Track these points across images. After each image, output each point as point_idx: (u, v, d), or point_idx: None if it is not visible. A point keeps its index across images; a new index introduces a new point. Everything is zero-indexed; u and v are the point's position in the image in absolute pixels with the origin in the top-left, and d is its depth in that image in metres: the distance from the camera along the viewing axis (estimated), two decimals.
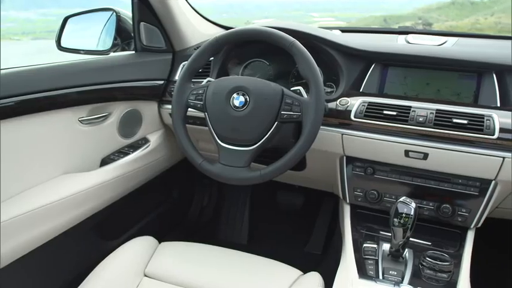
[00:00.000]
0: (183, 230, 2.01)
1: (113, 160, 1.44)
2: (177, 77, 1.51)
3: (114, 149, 1.48)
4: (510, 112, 1.14)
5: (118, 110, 1.45)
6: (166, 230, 1.93)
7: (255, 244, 1.98)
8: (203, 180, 2.08)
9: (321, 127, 1.13)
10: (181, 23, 1.55)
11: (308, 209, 2.01)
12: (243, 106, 1.11)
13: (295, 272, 1.14)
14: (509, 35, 1.66)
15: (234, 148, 1.13)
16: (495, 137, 1.09)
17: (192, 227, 2.07)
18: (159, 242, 1.27)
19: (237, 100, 1.12)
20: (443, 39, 1.38)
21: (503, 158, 1.09)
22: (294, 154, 1.09)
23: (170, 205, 1.93)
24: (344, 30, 1.57)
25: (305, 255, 1.88)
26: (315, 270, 1.16)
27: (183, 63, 1.52)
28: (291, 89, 1.15)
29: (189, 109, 1.20)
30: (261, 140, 1.11)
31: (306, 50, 1.11)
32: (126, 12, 1.54)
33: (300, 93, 1.15)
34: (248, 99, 1.11)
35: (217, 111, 1.14)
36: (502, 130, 1.09)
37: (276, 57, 1.45)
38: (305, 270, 1.16)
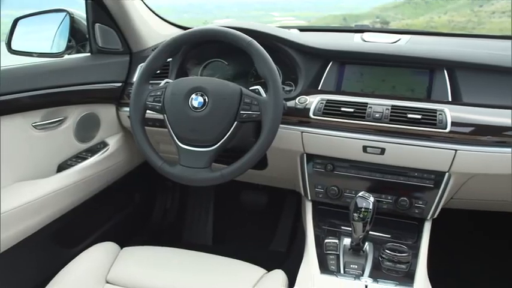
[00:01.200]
0: (147, 234, 1.98)
1: (70, 166, 1.40)
2: (135, 79, 1.48)
3: (71, 154, 1.44)
4: (461, 106, 1.19)
5: (74, 114, 1.41)
6: (129, 235, 1.89)
7: (220, 245, 1.97)
8: (166, 183, 2.06)
9: (281, 125, 1.14)
10: (137, 24, 1.52)
11: (272, 207, 2.02)
12: (202, 107, 1.11)
13: (259, 271, 1.15)
14: (462, 32, 1.73)
15: (194, 149, 1.13)
16: (447, 130, 1.13)
17: (155, 230, 2.04)
18: (122, 248, 1.24)
19: (196, 101, 1.11)
20: (397, 37, 1.42)
21: (456, 150, 1.13)
22: (254, 153, 1.09)
23: (132, 209, 1.90)
24: (302, 30, 1.59)
25: (270, 254, 1.89)
26: (279, 268, 1.16)
27: (141, 64, 1.50)
28: (250, 88, 1.15)
29: (148, 111, 1.19)
30: (221, 140, 1.11)
31: (263, 49, 1.12)
32: (80, 13, 1.50)
33: (258, 93, 1.15)
34: (207, 100, 1.11)
35: (176, 112, 1.13)
36: (453, 124, 1.13)
37: (235, 57, 1.45)
38: (270, 268, 1.17)
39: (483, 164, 1.16)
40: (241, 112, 1.10)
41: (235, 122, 1.10)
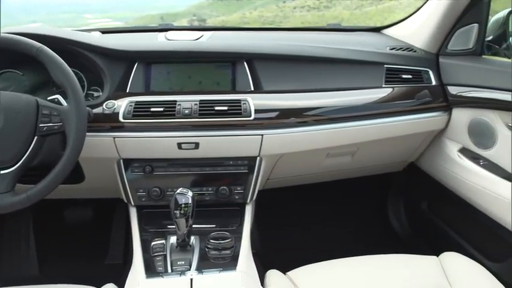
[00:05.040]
0: None
1: None
2: None
3: None
4: (262, 94, 1.30)
5: None
6: None
7: (51, 271, 1.79)
8: None
9: (91, 133, 1.11)
10: None
11: (101, 219, 1.92)
12: None
13: None
14: (262, 26, 1.88)
15: None
16: (252, 118, 1.22)
17: None
18: None
19: None
20: (200, 33, 1.46)
21: (262, 135, 1.23)
22: (61, 168, 1.02)
23: None
24: (104, 32, 1.54)
25: (107, 268, 1.80)
26: (117, 281, 1.11)
27: None
28: (48, 98, 1.07)
29: None
30: (21, 159, 1.01)
31: (55, 55, 1.06)
32: None
33: (58, 102, 1.09)
34: None
35: None
36: (257, 111, 1.23)
37: (31, 66, 1.32)
38: (106, 283, 1.11)
39: (288, 144, 1.29)
40: (41, 125, 1.02)
41: (36, 137, 1.02)
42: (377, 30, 1.79)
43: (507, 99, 1.22)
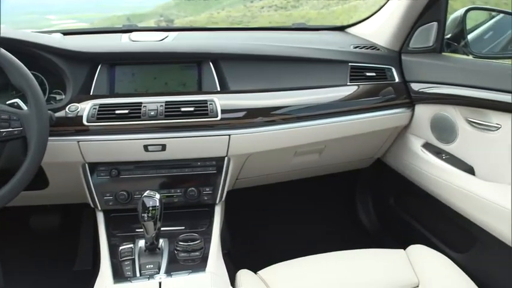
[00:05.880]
0: None
1: None
2: None
3: None
4: (229, 94, 1.30)
5: None
6: None
7: (17, 283, 1.73)
8: None
9: (54, 137, 1.09)
10: None
11: (69, 225, 1.87)
12: None
13: None
14: (238, 26, 1.87)
15: None
16: (219, 118, 1.22)
17: None
18: None
19: None
20: (165, 34, 1.45)
21: (229, 135, 1.23)
22: (23, 174, 1.00)
23: None
24: (66, 33, 1.50)
25: (76, 275, 1.76)
26: (87, 287, 1.09)
27: None
28: (7, 102, 1.04)
29: None
30: None
31: (13, 57, 1.03)
32: None
33: (18, 106, 1.06)
34: None
35: None
36: (223, 111, 1.23)
37: None
38: None
39: (256, 143, 1.30)
40: (0, 131, 0.98)
41: None
42: (341, 29, 1.81)
43: (466, 94, 1.26)
